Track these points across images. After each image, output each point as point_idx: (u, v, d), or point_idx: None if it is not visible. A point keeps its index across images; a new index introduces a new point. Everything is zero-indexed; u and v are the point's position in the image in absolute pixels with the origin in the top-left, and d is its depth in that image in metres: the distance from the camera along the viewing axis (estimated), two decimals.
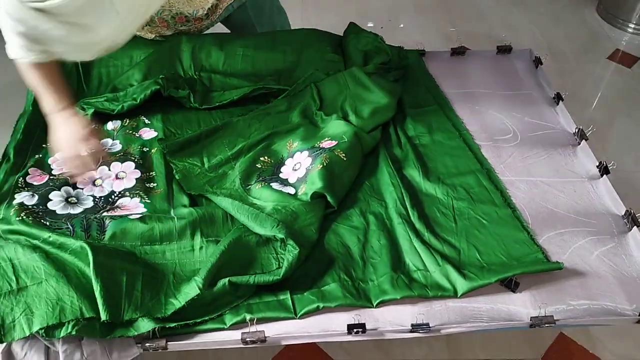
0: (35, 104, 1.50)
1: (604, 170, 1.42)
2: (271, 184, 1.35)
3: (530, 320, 1.11)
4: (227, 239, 1.19)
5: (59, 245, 1.12)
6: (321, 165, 1.32)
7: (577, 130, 1.53)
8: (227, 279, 1.11)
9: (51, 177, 1.33)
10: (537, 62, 1.79)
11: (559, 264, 1.18)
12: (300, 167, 1.38)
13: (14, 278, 1.05)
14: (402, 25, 2.91)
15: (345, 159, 1.36)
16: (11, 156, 1.37)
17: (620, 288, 1.17)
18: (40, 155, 1.40)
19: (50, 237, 1.13)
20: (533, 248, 1.23)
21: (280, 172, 1.41)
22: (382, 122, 1.53)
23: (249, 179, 1.37)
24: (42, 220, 1.18)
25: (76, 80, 1.61)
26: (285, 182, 1.37)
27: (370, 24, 2.89)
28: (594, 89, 2.56)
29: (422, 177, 1.39)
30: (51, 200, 1.26)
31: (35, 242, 1.13)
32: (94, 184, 1.35)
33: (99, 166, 1.38)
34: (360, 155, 1.42)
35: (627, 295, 1.16)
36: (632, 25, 2.85)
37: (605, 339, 1.59)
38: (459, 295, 1.14)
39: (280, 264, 1.18)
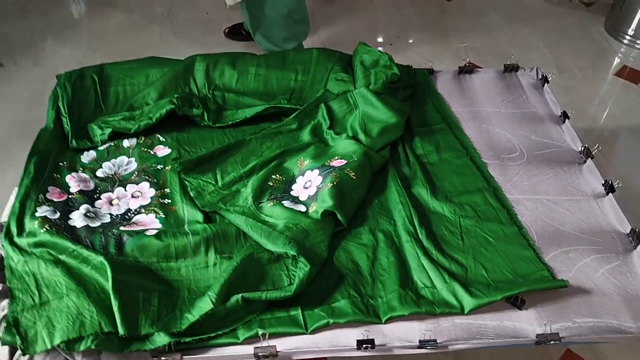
0: (57, 121, 1.55)
1: (609, 188, 1.44)
2: (282, 202, 1.38)
3: (536, 337, 1.13)
4: (239, 255, 1.23)
5: (82, 259, 1.16)
6: (331, 184, 1.36)
7: (583, 149, 1.56)
8: (240, 294, 1.14)
9: (70, 197, 1.37)
10: (544, 80, 1.82)
11: (564, 281, 1.20)
12: (311, 185, 1.42)
13: (36, 292, 1.10)
14: (411, 41, 2.95)
15: (354, 177, 1.40)
16: (32, 171, 1.42)
17: (624, 306, 1.19)
18: (58, 175, 1.44)
19: (74, 251, 1.17)
20: (539, 266, 1.26)
21: (292, 189, 1.44)
22: (391, 141, 1.57)
23: (261, 197, 1.41)
24: (64, 233, 1.23)
25: (93, 98, 1.66)
26: (296, 200, 1.41)
27: (379, 39, 2.94)
28: (601, 105, 2.58)
29: (430, 195, 1.43)
30: (71, 218, 1.30)
31: (60, 256, 1.17)
32: (110, 204, 1.39)
33: (116, 187, 1.42)
34: (369, 174, 1.45)
35: (631, 313, 1.18)
36: None
37: (612, 355, 1.60)
38: (465, 312, 1.16)
39: (292, 280, 1.21)
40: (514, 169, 1.52)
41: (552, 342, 1.13)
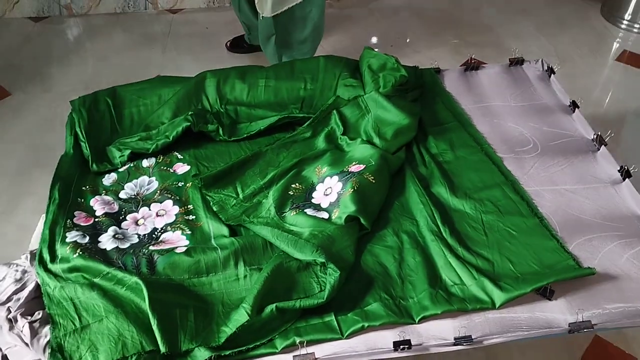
0: (75, 146, 1.58)
1: (625, 174, 1.46)
2: (305, 210, 1.40)
3: (569, 326, 1.15)
4: (269, 266, 1.25)
5: (116, 281, 1.18)
6: (352, 189, 1.38)
7: (595, 136, 1.58)
8: (274, 305, 1.16)
9: (96, 220, 1.39)
10: (550, 71, 1.84)
11: (591, 269, 1.22)
12: (332, 191, 1.44)
13: (76, 317, 1.12)
14: (408, 40, 2.97)
15: (374, 181, 1.42)
16: (57, 197, 1.44)
17: None
18: (83, 199, 1.46)
19: (108, 273, 1.20)
20: (564, 255, 1.27)
21: (312, 197, 1.46)
22: (406, 142, 1.59)
23: (284, 207, 1.43)
24: (97, 256, 1.25)
25: (109, 121, 1.68)
26: (318, 207, 1.42)
27: (374, 40, 2.96)
28: (605, 91, 2.60)
29: (449, 193, 1.44)
30: (100, 241, 1.33)
31: (95, 279, 1.19)
32: (136, 224, 1.41)
33: (140, 207, 1.44)
34: (388, 176, 1.47)
35: None
36: (638, 26, 2.90)
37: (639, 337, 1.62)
38: (497, 307, 1.18)
39: (322, 287, 1.23)
40: (529, 161, 1.54)
41: (585, 330, 1.15)
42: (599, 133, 1.57)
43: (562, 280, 1.20)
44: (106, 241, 1.33)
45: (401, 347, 1.13)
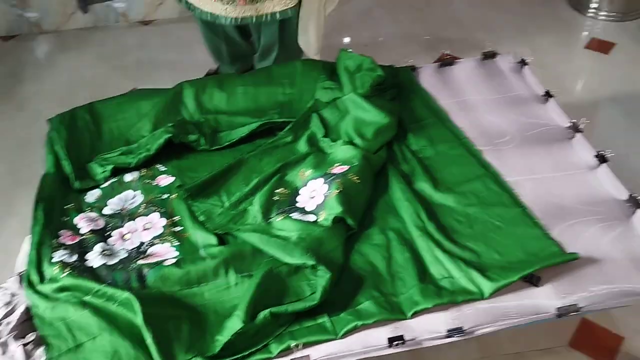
0: (57, 165, 1.57)
1: (601, 159, 1.50)
2: (291, 215, 1.41)
3: (557, 311, 1.18)
4: (259, 272, 1.26)
5: (107, 297, 1.18)
6: (337, 191, 1.39)
7: (571, 124, 1.61)
8: (268, 310, 1.17)
9: (82, 238, 1.38)
10: (522, 63, 1.88)
11: (574, 254, 1.25)
12: (317, 194, 1.45)
13: (69, 336, 1.11)
14: (381, 39, 3.00)
15: (358, 181, 1.43)
16: (41, 217, 1.42)
17: (635, 269, 1.25)
18: (67, 218, 1.45)
19: (99, 290, 1.19)
20: (548, 242, 1.30)
21: (297, 201, 1.47)
22: (386, 141, 1.61)
23: (270, 212, 1.43)
24: (85, 274, 1.24)
25: (89, 137, 1.67)
26: (303, 211, 1.43)
27: (347, 40, 2.98)
28: (576, 78, 2.66)
29: (432, 188, 1.47)
30: (87, 259, 1.32)
31: (85, 297, 1.19)
32: (123, 239, 1.41)
33: (126, 222, 1.44)
34: (371, 176, 1.49)
35: None
36: (604, 13, 2.96)
37: (626, 318, 1.66)
38: (486, 297, 1.20)
39: (313, 289, 1.24)
40: (508, 152, 1.57)
41: (572, 314, 1.18)
42: (574, 121, 1.61)
43: (547, 267, 1.23)
44: (94, 258, 1.32)
45: (395, 343, 1.14)
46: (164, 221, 1.45)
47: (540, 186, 1.46)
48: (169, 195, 1.53)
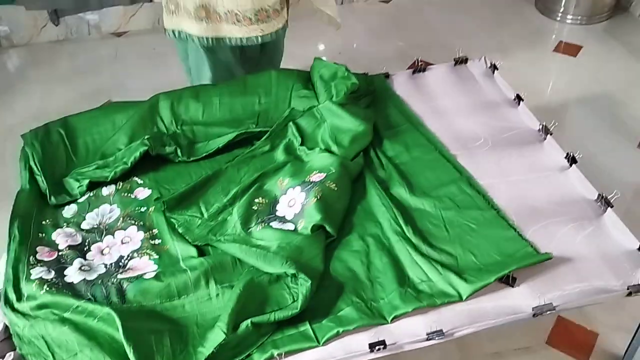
0: (32, 180, 1.55)
1: (571, 160, 1.54)
2: (271, 224, 1.42)
3: (533, 310, 1.21)
4: (240, 282, 1.26)
5: (87, 313, 1.17)
6: (315, 199, 1.40)
7: (541, 127, 1.66)
8: (250, 320, 1.18)
9: (60, 254, 1.37)
10: (493, 67, 1.92)
11: (548, 254, 1.28)
12: (295, 202, 1.46)
13: (49, 354, 1.10)
14: (355, 46, 3.03)
15: (336, 188, 1.45)
16: (17, 234, 1.41)
17: (606, 267, 1.28)
18: (44, 234, 1.44)
19: (78, 306, 1.18)
20: (522, 243, 1.33)
21: (276, 210, 1.48)
22: (363, 148, 1.63)
23: (249, 222, 1.44)
24: (64, 290, 1.23)
25: (64, 152, 1.66)
26: (283, 220, 1.44)
27: (321, 47, 3.01)
28: (545, 81, 2.72)
29: (408, 193, 1.49)
30: (66, 275, 1.31)
31: (65, 314, 1.17)
32: (102, 253, 1.40)
33: (104, 236, 1.43)
34: (349, 182, 1.51)
35: (613, 273, 1.27)
36: (570, 16, 3.04)
37: (600, 315, 1.70)
38: (464, 299, 1.23)
39: (294, 298, 1.25)
40: (482, 155, 1.60)
41: (548, 312, 1.20)
42: (544, 123, 1.65)
43: (523, 267, 1.26)
44: (72, 274, 1.31)
45: (377, 347, 1.16)
46: (142, 234, 1.44)
47: (513, 188, 1.49)
48: (146, 208, 1.52)
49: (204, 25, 1.75)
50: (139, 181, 1.60)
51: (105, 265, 1.36)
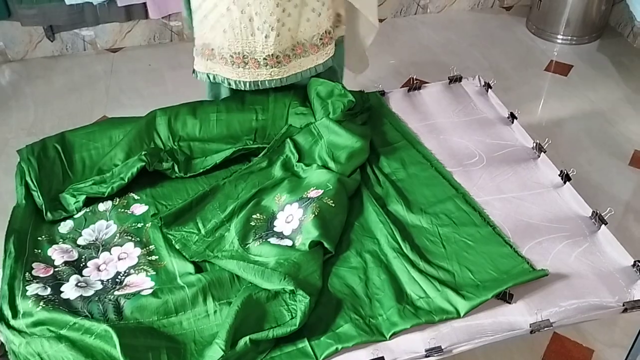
0: (28, 196, 1.54)
1: (565, 177, 1.56)
2: (269, 240, 1.42)
3: (530, 326, 1.21)
4: (238, 299, 1.26)
5: (84, 330, 1.16)
6: (313, 215, 1.41)
7: (535, 145, 1.68)
8: (248, 337, 1.17)
9: (56, 270, 1.36)
10: (487, 86, 1.95)
11: (544, 271, 1.30)
12: (293, 219, 1.46)
13: None
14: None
15: (333, 205, 1.45)
16: (12, 250, 1.40)
17: (601, 283, 1.29)
18: (40, 250, 1.43)
19: (75, 323, 1.17)
20: (518, 260, 1.35)
21: (274, 226, 1.48)
22: (359, 164, 1.64)
23: (246, 238, 1.44)
24: (61, 307, 1.22)
25: (60, 167, 1.65)
26: (280, 236, 1.45)
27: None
28: (537, 100, 2.76)
29: (405, 210, 1.50)
30: (63, 291, 1.30)
31: (61, 331, 1.16)
32: (98, 270, 1.39)
33: (101, 252, 1.43)
34: (346, 199, 1.52)
35: (608, 289, 1.28)
36: (560, 37, 3.10)
37: (595, 332, 1.71)
38: (462, 315, 1.23)
39: (292, 314, 1.25)
40: (477, 173, 1.62)
41: (545, 329, 1.21)
42: (538, 141, 1.68)
43: (519, 284, 1.27)
44: (69, 290, 1.30)
45: None
46: (138, 251, 1.44)
47: (508, 205, 1.51)
48: (143, 224, 1.52)
49: (241, 71, 1.71)
50: (136, 197, 1.60)
51: (102, 282, 1.36)
